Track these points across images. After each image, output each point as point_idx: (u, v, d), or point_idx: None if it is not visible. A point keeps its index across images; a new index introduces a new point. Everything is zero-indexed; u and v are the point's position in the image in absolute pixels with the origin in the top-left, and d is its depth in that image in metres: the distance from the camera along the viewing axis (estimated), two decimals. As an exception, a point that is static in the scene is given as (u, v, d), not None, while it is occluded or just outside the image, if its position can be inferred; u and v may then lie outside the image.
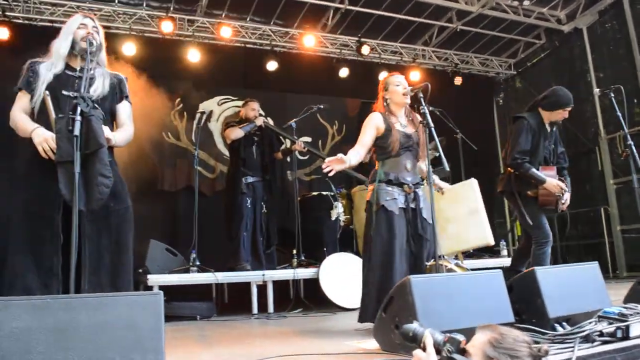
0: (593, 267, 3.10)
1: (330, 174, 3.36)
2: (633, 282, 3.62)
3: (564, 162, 4.59)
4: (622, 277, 7.68)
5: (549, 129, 4.46)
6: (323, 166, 3.34)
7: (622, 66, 7.98)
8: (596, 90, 4.81)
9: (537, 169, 4.27)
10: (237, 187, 5.74)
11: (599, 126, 8.27)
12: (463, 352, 1.76)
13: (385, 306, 2.67)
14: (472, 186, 3.70)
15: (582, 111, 8.67)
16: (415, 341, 1.89)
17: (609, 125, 8.20)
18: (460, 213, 3.72)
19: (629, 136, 4.36)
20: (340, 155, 3.36)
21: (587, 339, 2.42)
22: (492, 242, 3.74)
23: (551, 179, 4.23)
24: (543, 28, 8.78)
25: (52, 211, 2.66)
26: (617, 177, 8.01)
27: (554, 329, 2.60)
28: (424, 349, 1.82)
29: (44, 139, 2.64)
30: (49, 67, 2.85)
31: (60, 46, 2.90)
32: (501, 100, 10.21)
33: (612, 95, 4.53)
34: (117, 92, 3.03)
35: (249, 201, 5.73)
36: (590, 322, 2.55)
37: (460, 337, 1.82)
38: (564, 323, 2.66)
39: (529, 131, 4.32)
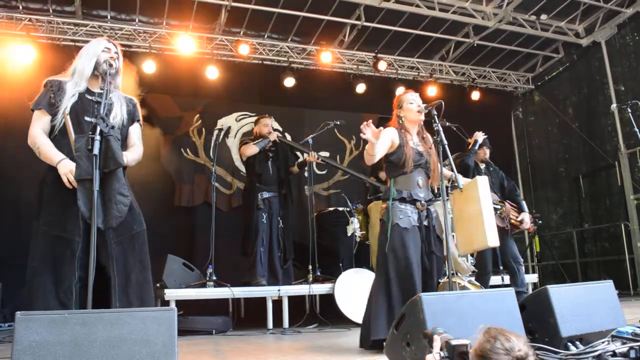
0: (608, 285, 3.06)
1: (363, 136, 3.23)
2: (654, 300, 3.58)
3: (515, 192, 5.49)
4: (643, 293, 7.56)
5: (482, 168, 5.46)
6: (362, 126, 3.23)
7: (642, 80, 7.91)
8: (613, 106, 4.83)
9: None
10: (253, 202, 5.77)
11: (619, 141, 8.17)
12: (463, 355, 1.82)
13: (397, 323, 2.68)
14: (475, 184, 3.67)
15: (601, 126, 8.60)
16: (430, 344, 1.99)
17: (629, 139, 8.10)
18: (472, 212, 3.71)
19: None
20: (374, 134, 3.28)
21: (600, 359, 2.40)
22: (492, 244, 3.69)
23: None
24: (561, 42, 8.75)
25: (72, 232, 2.72)
26: (638, 192, 7.89)
27: (567, 348, 2.58)
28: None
29: (69, 171, 2.71)
30: (73, 85, 2.93)
31: (84, 67, 2.97)
32: (520, 114, 10.16)
33: (629, 110, 4.50)
34: (132, 116, 3.11)
35: (265, 216, 5.76)
36: (603, 342, 2.53)
37: (464, 342, 1.90)
38: (577, 342, 2.64)
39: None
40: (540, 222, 5.59)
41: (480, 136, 5.50)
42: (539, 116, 9.84)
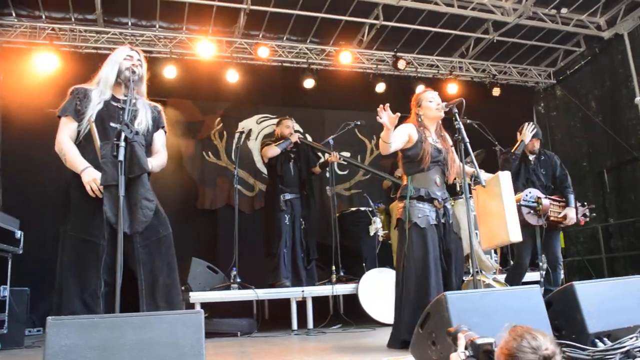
0: (636, 280, 3.01)
1: (379, 119, 3.29)
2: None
3: (564, 183, 5.11)
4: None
5: (531, 159, 5.15)
6: (378, 109, 3.30)
7: (667, 72, 7.76)
8: (637, 99, 4.72)
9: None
10: (276, 204, 5.81)
11: (644, 134, 8.02)
12: (488, 354, 1.81)
13: (422, 322, 2.68)
14: (497, 180, 3.66)
15: (625, 119, 8.44)
16: (454, 342, 2.00)
17: (654, 132, 7.96)
18: (494, 207, 3.70)
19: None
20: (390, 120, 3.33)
21: (628, 354, 2.38)
22: (514, 240, 3.68)
23: None
24: (582, 35, 8.61)
25: (98, 237, 2.78)
26: (665, 186, 7.74)
27: (595, 345, 2.55)
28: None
29: (92, 179, 2.77)
30: (98, 94, 3.00)
31: (108, 75, 3.05)
32: (542, 110, 10.03)
33: (652, 102, 4.43)
34: (157, 123, 3.17)
35: (287, 218, 5.79)
36: (631, 338, 2.49)
37: (489, 340, 1.91)
38: (605, 339, 2.60)
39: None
40: (594, 214, 5.26)
41: (528, 132, 5.11)
42: (561, 111, 9.69)
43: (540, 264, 4.90)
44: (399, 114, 3.37)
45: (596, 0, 7.78)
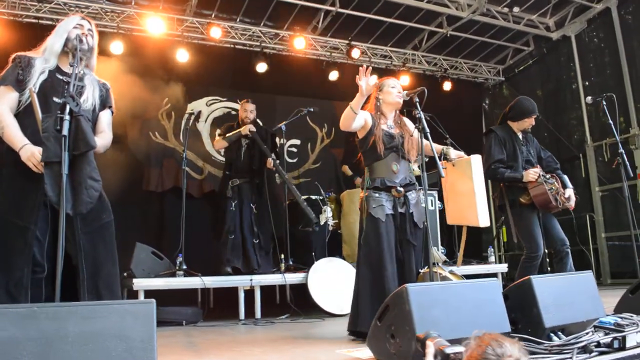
0: (587, 276, 3.07)
1: (358, 81, 3.30)
2: (617, 289, 3.62)
3: (554, 164, 4.59)
4: (606, 284, 7.73)
5: (521, 137, 4.53)
6: (360, 70, 3.30)
7: (608, 75, 8.06)
8: (588, 99, 4.80)
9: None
10: (223, 191, 5.75)
11: (586, 133, 8.32)
12: None
13: (381, 315, 2.62)
14: (469, 163, 3.68)
15: (568, 118, 8.75)
16: (422, 348, 1.95)
17: (594, 133, 8.26)
18: (463, 189, 3.72)
19: (620, 144, 4.37)
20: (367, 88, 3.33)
21: (585, 349, 2.40)
22: (482, 224, 3.70)
23: (526, 172, 4.22)
24: (532, 35, 8.82)
25: (29, 221, 2.58)
26: (603, 184, 8.06)
27: (550, 339, 2.57)
28: None
29: (31, 154, 2.56)
30: (42, 62, 2.78)
31: (54, 43, 2.83)
32: (487, 107, 10.23)
33: (605, 103, 4.54)
34: (104, 102, 2.97)
35: (233, 204, 5.67)
36: (587, 333, 2.53)
37: (458, 349, 1.84)
38: (559, 333, 2.63)
39: (498, 142, 4.39)
40: (578, 197, 4.81)
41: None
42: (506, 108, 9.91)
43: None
44: (377, 84, 3.36)
45: (547, 1, 7.96)
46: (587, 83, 8.35)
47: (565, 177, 4.47)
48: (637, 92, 7.60)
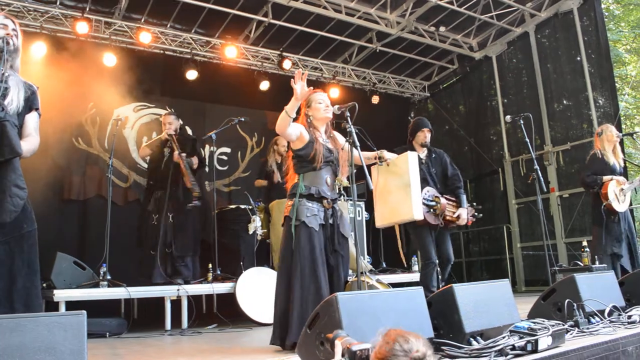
0: (504, 284, 3.26)
1: (293, 85, 3.31)
2: (531, 296, 3.85)
3: (457, 183, 5.06)
4: (520, 291, 8.19)
5: (423, 156, 5.01)
6: (296, 74, 3.32)
7: (525, 94, 8.59)
8: (507, 117, 5.10)
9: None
10: (145, 203, 5.78)
11: (504, 149, 8.80)
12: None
13: (310, 322, 2.67)
14: (407, 159, 3.80)
15: (488, 134, 9.23)
16: (332, 348, 2.02)
17: (512, 149, 8.76)
18: (399, 185, 3.83)
19: (535, 161, 4.67)
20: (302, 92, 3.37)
21: (501, 352, 2.56)
22: (417, 217, 3.85)
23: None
24: (456, 54, 9.25)
25: None
26: (519, 197, 8.55)
27: (470, 343, 2.71)
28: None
29: None
30: None
31: None
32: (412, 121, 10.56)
33: (522, 122, 4.85)
34: (30, 104, 2.82)
35: (155, 218, 5.63)
36: (503, 337, 2.69)
37: (365, 346, 1.95)
38: (478, 337, 2.78)
39: None
40: (480, 215, 5.32)
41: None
42: (431, 123, 10.29)
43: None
44: (311, 89, 3.42)
45: (471, 23, 8.38)
46: (505, 101, 8.86)
47: (463, 197, 4.98)
48: (551, 111, 8.15)
